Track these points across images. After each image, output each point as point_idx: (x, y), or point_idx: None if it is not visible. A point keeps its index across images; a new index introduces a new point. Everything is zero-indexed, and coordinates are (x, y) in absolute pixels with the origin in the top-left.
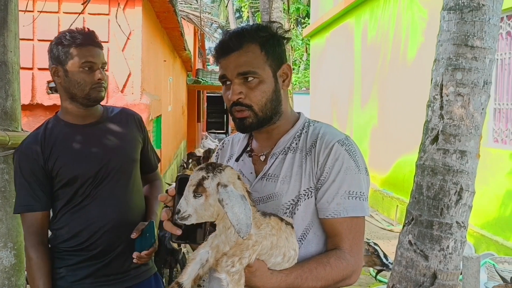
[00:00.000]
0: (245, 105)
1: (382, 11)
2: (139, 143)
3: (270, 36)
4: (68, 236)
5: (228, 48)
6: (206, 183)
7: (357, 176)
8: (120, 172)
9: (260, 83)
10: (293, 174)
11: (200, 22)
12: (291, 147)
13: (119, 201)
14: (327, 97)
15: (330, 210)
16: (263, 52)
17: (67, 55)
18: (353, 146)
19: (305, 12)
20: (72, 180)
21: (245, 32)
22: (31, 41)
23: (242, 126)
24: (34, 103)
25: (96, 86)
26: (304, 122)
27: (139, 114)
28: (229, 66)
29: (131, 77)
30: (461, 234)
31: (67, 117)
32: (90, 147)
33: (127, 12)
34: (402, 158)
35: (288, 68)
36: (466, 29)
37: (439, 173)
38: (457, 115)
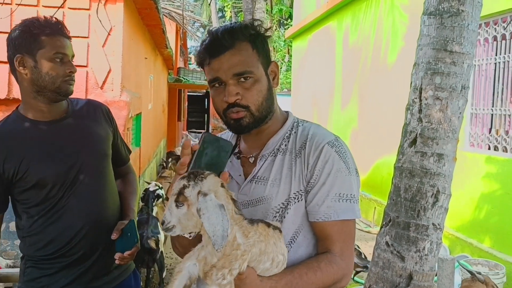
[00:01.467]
0: (242, 106)
1: (364, 14)
2: (109, 137)
3: (258, 34)
4: (44, 243)
5: (221, 47)
6: (187, 192)
7: (347, 178)
8: (92, 169)
9: (255, 83)
10: (283, 176)
11: (182, 20)
12: (280, 149)
13: (94, 201)
14: (308, 99)
15: (320, 213)
16: (255, 50)
17: (37, 44)
18: (343, 147)
19: (287, 13)
20: (40, 183)
21: (236, 29)
22: None
23: (240, 127)
24: (11, 98)
25: (67, 79)
26: (293, 122)
27: (106, 105)
28: (222, 67)
29: (111, 73)
30: (436, 236)
31: (30, 113)
32: (58, 145)
33: (108, 7)
34: (381, 160)
35: (276, 66)
36: (446, 34)
37: (416, 175)
38: (435, 118)
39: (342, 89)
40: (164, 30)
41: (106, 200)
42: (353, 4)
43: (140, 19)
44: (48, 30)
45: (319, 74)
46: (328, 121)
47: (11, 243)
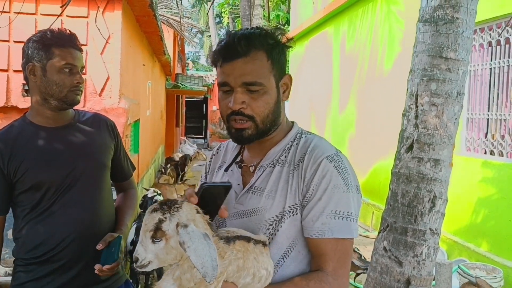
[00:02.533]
0: (246, 116)
1: (361, 21)
2: (110, 149)
3: (277, 44)
4: (33, 246)
5: (235, 53)
6: (165, 226)
7: (345, 195)
8: (88, 178)
9: (264, 94)
10: (279, 189)
11: (180, 27)
12: (279, 160)
13: (87, 208)
14: (306, 104)
15: (314, 230)
16: (270, 61)
17: (48, 54)
18: (343, 163)
19: (284, 19)
20: (36, 185)
21: (253, 37)
22: (7, 42)
23: (240, 137)
24: (9, 106)
25: (74, 89)
26: (296, 134)
27: (112, 120)
28: (233, 73)
29: (110, 80)
30: (434, 240)
31: (36, 118)
32: (58, 151)
33: (106, 15)
34: (378, 165)
35: (289, 79)
36: (441, 41)
37: (413, 181)
38: (432, 124)
39: (340, 94)
40: (162, 37)
41: (99, 210)
42: (349, 10)
43: (138, 26)
44: (60, 42)
45: (316, 79)
46: (326, 126)
47: (9, 250)
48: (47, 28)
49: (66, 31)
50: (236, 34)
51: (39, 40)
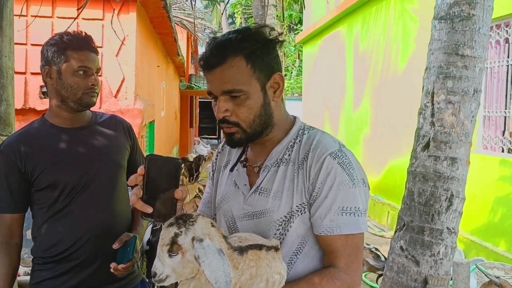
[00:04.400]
0: (231, 123)
1: (374, 19)
2: (126, 150)
3: (258, 46)
4: (50, 244)
5: (212, 62)
6: (180, 240)
7: (351, 191)
8: (104, 179)
9: (246, 99)
10: (285, 189)
11: (193, 28)
12: (283, 159)
13: (103, 208)
14: (319, 103)
15: (323, 227)
16: (249, 65)
17: (63, 57)
18: (347, 158)
19: (297, 18)
20: (53, 185)
21: (228, 44)
22: (24, 45)
23: (231, 141)
24: (27, 108)
25: (89, 91)
26: (298, 130)
27: (128, 122)
28: (214, 82)
29: (125, 82)
30: (451, 240)
31: (54, 119)
32: (74, 151)
33: (121, 17)
34: (393, 163)
35: (280, 77)
36: (457, 38)
37: (430, 179)
38: (448, 122)
39: (354, 93)
40: (176, 38)
41: (114, 210)
42: (363, 9)
43: (152, 28)
44: (75, 45)
45: (330, 78)
46: (340, 125)
47: (28, 250)
48: (63, 31)
49: (82, 33)
50: (213, 42)
51: (55, 43)
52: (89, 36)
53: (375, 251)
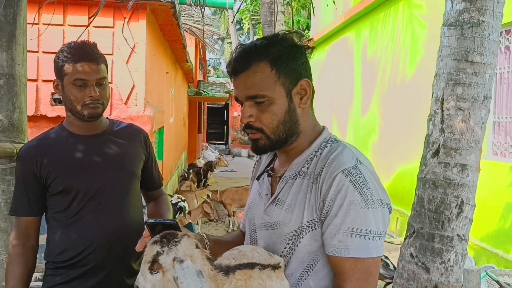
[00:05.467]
0: (255, 128)
1: (382, 25)
2: (140, 159)
3: (284, 52)
4: (61, 249)
5: (237, 68)
6: (162, 259)
7: (363, 212)
8: (117, 186)
9: (270, 105)
10: (297, 203)
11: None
12: (301, 172)
13: (114, 215)
14: (327, 109)
15: (332, 247)
16: (274, 71)
17: (63, 71)
18: (361, 176)
19: (305, 24)
20: (66, 190)
21: (253, 49)
22: (36, 53)
23: (256, 147)
24: (38, 115)
25: (88, 103)
26: (322, 142)
27: (145, 131)
28: (239, 87)
29: (135, 89)
30: (462, 247)
31: (70, 127)
32: (88, 158)
33: (131, 25)
34: (402, 169)
35: (307, 84)
36: (466, 44)
37: (440, 186)
38: (458, 129)
39: (362, 98)
40: (184, 45)
41: (126, 217)
42: (371, 15)
43: (161, 35)
44: (72, 57)
45: (338, 84)
46: (348, 131)
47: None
48: (68, 42)
49: (83, 43)
50: (238, 49)
51: (56, 57)
52: (91, 45)
53: (384, 259)
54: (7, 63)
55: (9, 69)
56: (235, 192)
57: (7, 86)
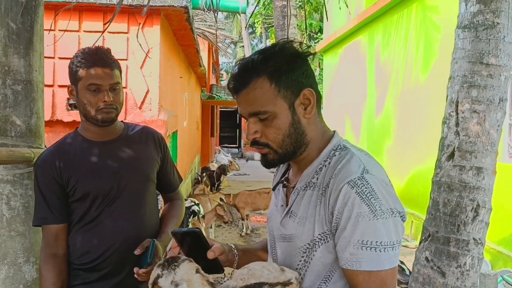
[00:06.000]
0: (261, 144)
1: (395, 27)
2: (156, 163)
3: (282, 63)
4: (81, 253)
5: (237, 86)
6: (161, 282)
7: (371, 224)
8: (133, 190)
9: (274, 119)
10: (308, 216)
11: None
12: (311, 183)
13: (132, 219)
14: (340, 112)
15: (344, 260)
16: (273, 85)
17: (77, 76)
18: (368, 187)
19: (317, 27)
20: (85, 196)
21: (250, 65)
22: (52, 59)
23: (265, 162)
24: (54, 120)
25: (102, 108)
26: (331, 150)
27: (160, 133)
28: (241, 105)
29: (149, 93)
30: (478, 250)
31: (86, 133)
32: (105, 163)
33: (145, 30)
34: (416, 172)
35: (310, 93)
36: (481, 47)
37: (455, 189)
38: (473, 132)
39: (376, 102)
40: (198, 49)
41: (142, 220)
42: (384, 18)
43: (175, 40)
44: (85, 63)
45: (351, 87)
46: (362, 134)
47: None
48: (82, 48)
49: (97, 49)
50: (238, 65)
51: (71, 63)
52: (104, 50)
53: (400, 264)
54: (24, 69)
55: (26, 75)
56: (248, 196)
57: (24, 92)
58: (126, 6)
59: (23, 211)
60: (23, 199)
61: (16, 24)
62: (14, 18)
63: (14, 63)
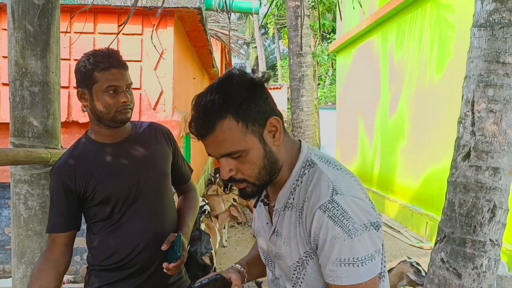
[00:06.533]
0: (239, 180)
1: (409, 26)
2: (169, 156)
3: (243, 98)
4: (106, 255)
5: (201, 133)
6: None
7: (347, 243)
8: (152, 188)
9: (247, 155)
10: (291, 236)
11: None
12: (288, 204)
13: (154, 216)
14: (354, 113)
15: (326, 275)
16: (240, 123)
17: (92, 79)
18: (339, 209)
19: (330, 27)
20: (105, 200)
21: (212, 109)
22: (68, 60)
23: (245, 195)
24: (70, 121)
25: (121, 108)
26: (300, 168)
27: (167, 128)
28: (210, 147)
29: (163, 94)
30: (494, 252)
31: (97, 136)
32: (121, 165)
33: (159, 32)
34: (430, 173)
35: (276, 121)
36: (498, 45)
37: (471, 190)
38: (489, 131)
39: (389, 102)
40: (211, 50)
41: (164, 217)
42: (397, 17)
43: (188, 41)
44: (101, 65)
45: (364, 87)
46: (375, 135)
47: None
48: (89, 51)
49: (107, 51)
50: (198, 108)
51: (82, 66)
52: (115, 51)
53: (416, 266)
54: (41, 71)
55: (43, 77)
56: None
57: (41, 94)
58: (140, 8)
59: (40, 211)
60: (40, 199)
61: (33, 27)
62: (31, 21)
63: (31, 65)
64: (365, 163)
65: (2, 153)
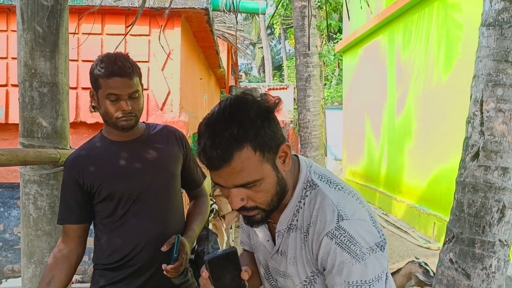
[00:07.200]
0: (250, 208)
1: (416, 26)
2: (179, 159)
3: (259, 126)
4: (108, 253)
5: (216, 165)
6: None
7: (355, 267)
8: (158, 188)
9: (261, 184)
10: (297, 256)
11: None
12: (292, 226)
13: (158, 216)
14: (360, 113)
15: None
16: (257, 152)
17: (97, 84)
18: (346, 235)
19: (337, 27)
20: (110, 196)
21: (231, 140)
22: (76, 61)
23: (252, 222)
24: (78, 121)
25: (121, 117)
26: (302, 189)
27: (181, 131)
28: (223, 178)
29: (170, 95)
30: (504, 252)
31: (109, 134)
32: (128, 163)
33: (166, 32)
34: (438, 173)
35: (287, 147)
36: (506, 45)
37: (480, 190)
38: (498, 131)
39: (396, 102)
40: (217, 51)
41: (169, 218)
42: (404, 17)
43: (195, 41)
44: (104, 72)
45: (371, 87)
46: (382, 135)
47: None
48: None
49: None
50: (212, 138)
51: (92, 71)
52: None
53: (424, 266)
54: (50, 72)
55: (52, 77)
56: None
57: (50, 94)
58: (148, 9)
59: (49, 211)
60: (49, 199)
61: (42, 28)
62: (40, 22)
63: (40, 66)
64: (372, 163)
65: (12, 153)
